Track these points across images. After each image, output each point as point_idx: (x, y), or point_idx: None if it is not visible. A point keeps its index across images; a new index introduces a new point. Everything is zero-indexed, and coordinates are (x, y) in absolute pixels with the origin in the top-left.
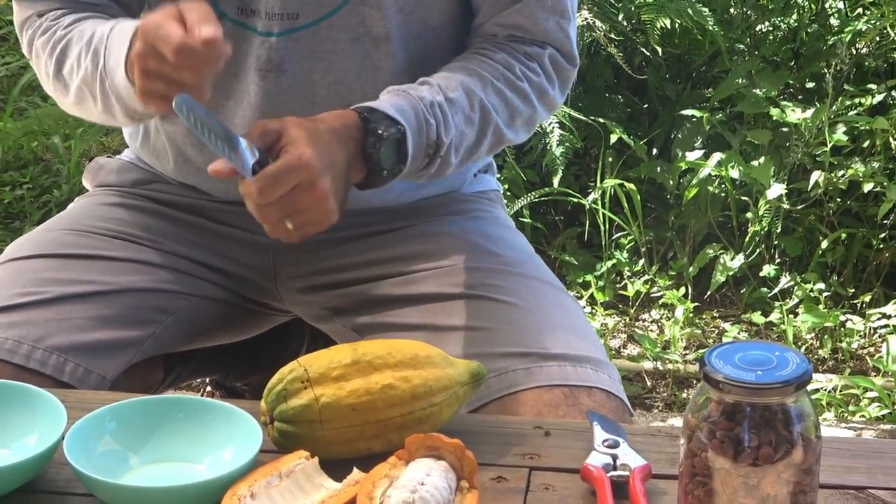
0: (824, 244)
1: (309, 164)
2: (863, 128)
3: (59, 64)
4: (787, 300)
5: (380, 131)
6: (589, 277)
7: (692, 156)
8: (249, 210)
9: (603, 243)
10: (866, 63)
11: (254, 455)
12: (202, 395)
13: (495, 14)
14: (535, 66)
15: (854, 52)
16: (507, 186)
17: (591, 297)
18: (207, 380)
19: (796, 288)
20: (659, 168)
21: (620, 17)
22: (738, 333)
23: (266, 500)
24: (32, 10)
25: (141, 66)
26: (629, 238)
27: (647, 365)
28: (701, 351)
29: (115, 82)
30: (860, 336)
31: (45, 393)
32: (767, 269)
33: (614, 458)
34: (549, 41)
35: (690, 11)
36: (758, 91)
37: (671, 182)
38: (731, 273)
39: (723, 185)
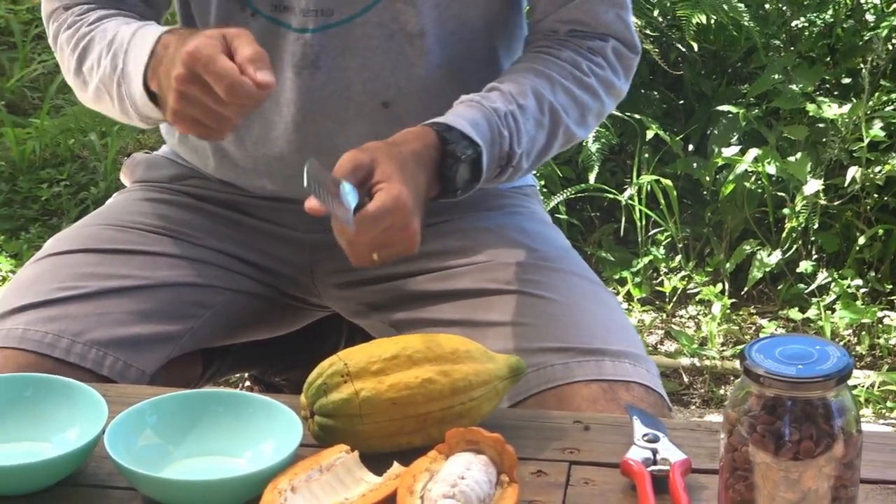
0: (861, 240)
1: (405, 206)
2: None
3: (80, 61)
4: (825, 296)
5: (458, 153)
6: (625, 274)
7: (728, 152)
8: (341, 244)
9: (639, 239)
10: None
11: (294, 449)
12: (241, 391)
13: (553, 11)
14: (600, 59)
15: (890, 47)
16: (543, 183)
17: (628, 293)
18: (246, 375)
19: (833, 284)
20: (695, 164)
21: (656, 13)
22: (776, 330)
23: (307, 493)
24: (59, 2)
25: (181, 90)
26: (665, 234)
27: (685, 361)
28: (738, 347)
29: (132, 89)
30: None
31: (85, 387)
32: (804, 266)
33: (654, 452)
34: (611, 33)
35: (726, 7)
36: (794, 87)
37: (707, 178)
38: (768, 269)
39: (759, 181)
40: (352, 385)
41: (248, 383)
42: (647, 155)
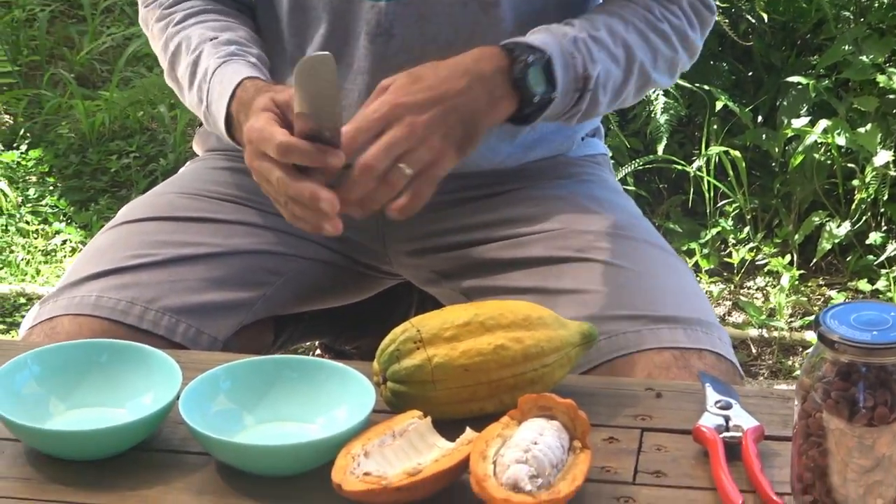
0: None
1: (395, 105)
2: None
3: (171, 66)
4: (894, 268)
5: (523, 58)
6: (693, 245)
7: (798, 123)
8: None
9: (707, 211)
10: None
11: (367, 415)
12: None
13: None
14: (675, 9)
15: None
16: (611, 154)
17: (696, 264)
18: (317, 343)
19: None
20: (764, 135)
21: None
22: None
23: (380, 458)
24: None
25: (255, 168)
26: (734, 206)
27: (753, 332)
28: (806, 319)
29: (219, 128)
30: None
31: (159, 353)
32: (874, 237)
33: (727, 419)
34: None
35: None
36: (864, 58)
37: (776, 149)
38: (837, 240)
39: (829, 153)
40: (424, 351)
41: (318, 351)
42: (715, 126)
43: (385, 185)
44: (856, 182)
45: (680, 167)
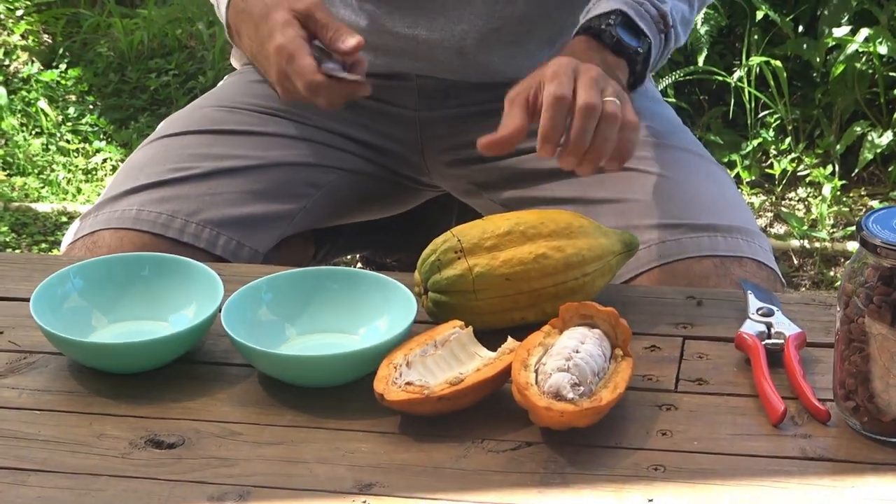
0: None
1: (566, 60)
2: None
3: None
4: None
5: (606, 27)
6: (734, 157)
7: (839, 32)
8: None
9: (748, 122)
10: None
11: (408, 325)
12: (360, 267)
13: None
14: None
15: None
16: None
17: (737, 176)
18: (358, 256)
19: None
20: (805, 45)
21: None
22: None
23: (421, 368)
24: None
25: (281, 85)
26: (775, 116)
27: (794, 243)
28: (849, 229)
29: (221, 20)
30: None
31: (201, 265)
32: None
33: (769, 326)
34: None
35: None
36: None
37: (818, 59)
38: (879, 150)
39: (870, 62)
40: (465, 261)
41: (359, 265)
42: (756, 37)
43: (606, 121)
44: None
45: (720, 78)
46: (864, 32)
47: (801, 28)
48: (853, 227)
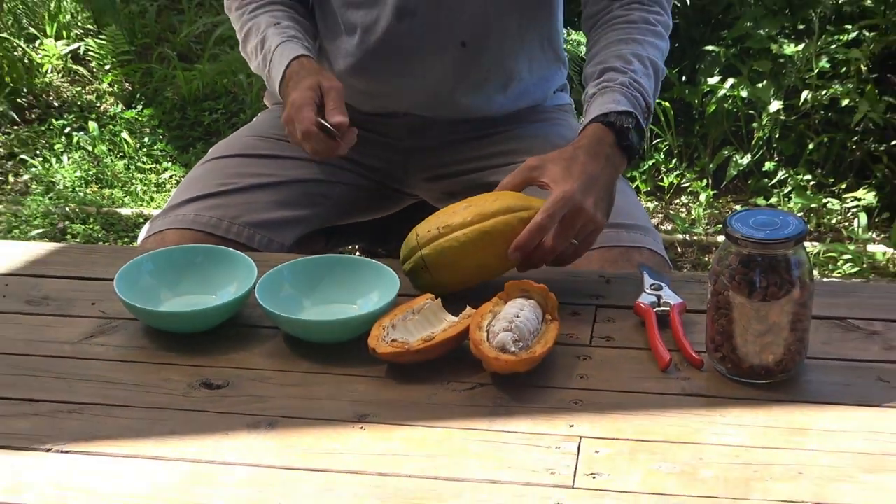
0: (811, 146)
1: (571, 197)
2: (841, 58)
3: (244, 43)
4: (783, 188)
5: (625, 126)
6: (635, 173)
7: (712, 81)
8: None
9: (645, 147)
10: (844, 9)
11: (393, 297)
12: (358, 255)
13: None
14: (657, 8)
15: (835, 1)
16: (574, 104)
17: (637, 187)
18: (357, 247)
19: (790, 179)
20: (687, 90)
21: None
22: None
23: (402, 329)
24: None
25: (286, 128)
26: (665, 143)
27: (679, 237)
28: (718, 226)
29: (273, 86)
30: (837, 214)
31: (241, 254)
32: (769, 165)
33: (658, 297)
34: None
35: None
36: (761, 32)
37: (696, 101)
38: (741, 168)
39: (735, 102)
40: (420, 256)
41: (357, 253)
42: None
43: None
44: (755, 124)
45: None
46: (730, 81)
47: (684, 78)
48: (721, 225)
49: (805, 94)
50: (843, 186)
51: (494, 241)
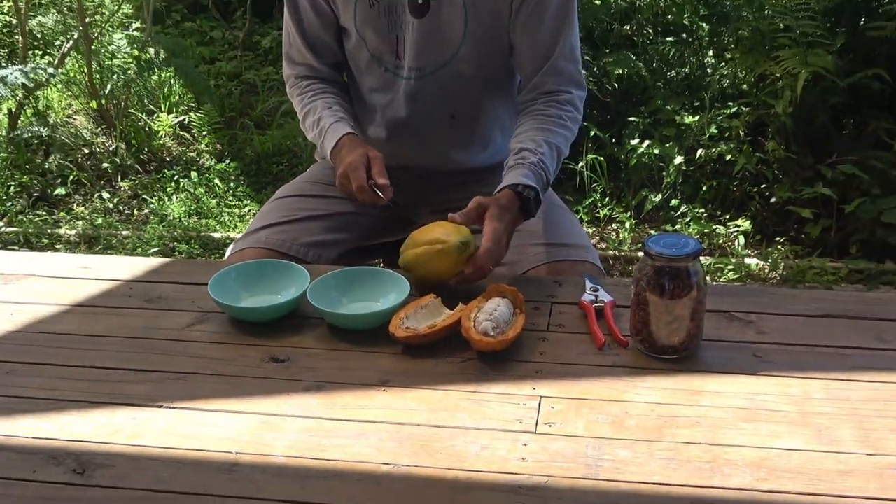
0: (704, 188)
1: (500, 239)
2: (725, 125)
3: (303, 119)
4: (685, 218)
5: (528, 197)
6: (579, 207)
7: (634, 142)
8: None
9: (586, 189)
10: (727, 90)
11: (405, 297)
12: (378, 268)
13: (537, 70)
14: (569, 108)
15: (721, 85)
16: None
17: (581, 218)
18: (381, 261)
19: (689, 212)
20: (616, 149)
21: (595, 69)
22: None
23: (413, 320)
24: (293, 71)
25: (340, 181)
26: (601, 186)
27: (611, 253)
28: (639, 245)
29: (326, 157)
30: (723, 236)
31: (298, 266)
32: (674, 202)
33: (596, 296)
34: (572, 84)
35: (632, 65)
36: (668, 107)
37: (622, 156)
38: (654, 204)
39: (650, 157)
40: (404, 257)
41: (381, 265)
42: (590, 144)
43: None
44: (664, 173)
45: (572, 166)
46: (647, 142)
47: (613, 140)
48: (641, 244)
49: (700, 151)
50: (727, 217)
51: (434, 258)
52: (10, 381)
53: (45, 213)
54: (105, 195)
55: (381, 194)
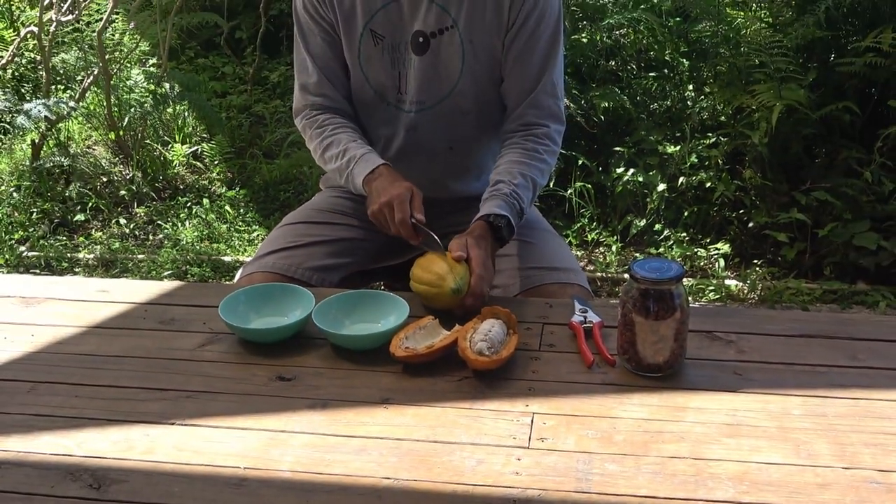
0: (686, 213)
1: (488, 265)
2: (705, 154)
3: (324, 150)
4: (668, 242)
5: (499, 225)
6: (568, 232)
7: (619, 170)
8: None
9: (574, 214)
10: (707, 122)
11: (405, 318)
12: (379, 290)
13: (520, 102)
14: (547, 141)
15: (700, 117)
16: None
17: (570, 242)
18: (382, 283)
19: (672, 235)
20: (602, 177)
21: (582, 102)
22: (644, 258)
23: (413, 340)
24: (307, 102)
25: (380, 209)
26: (588, 212)
27: (598, 275)
28: (625, 267)
29: (355, 182)
30: (704, 259)
31: (304, 289)
32: (658, 226)
33: (585, 317)
34: (551, 118)
35: (617, 98)
36: (652, 137)
37: (609, 184)
38: (639, 228)
39: (635, 185)
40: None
41: (382, 288)
42: (578, 172)
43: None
44: (648, 200)
45: (561, 193)
46: (632, 170)
47: (600, 168)
48: (627, 267)
49: (681, 179)
50: (708, 240)
51: (433, 298)
52: (31, 400)
53: (65, 238)
54: (122, 221)
55: (418, 228)
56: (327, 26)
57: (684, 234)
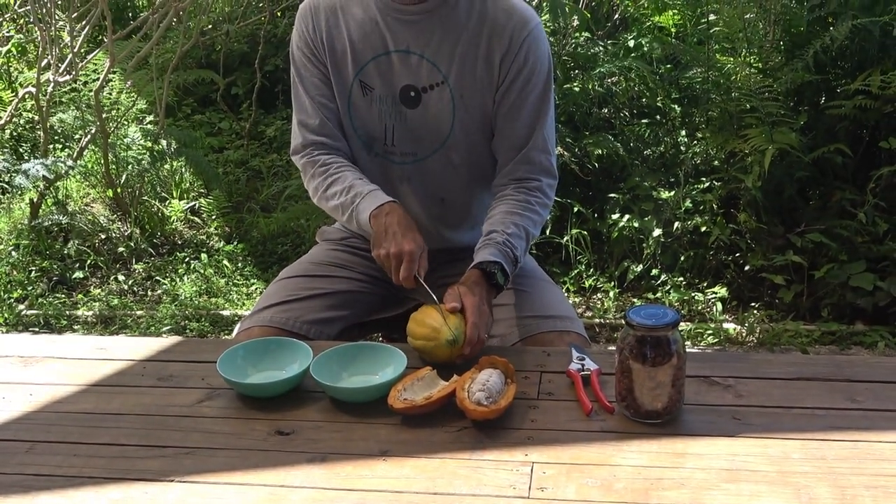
0: (682, 258)
1: (484, 311)
2: (700, 199)
3: (326, 188)
4: (665, 286)
5: (493, 271)
6: (565, 278)
7: (615, 216)
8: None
9: (571, 261)
10: (700, 167)
11: (403, 370)
12: (377, 342)
13: (511, 159)
14: (539, 194)
15: (694, 162)
16: None
17: (566, 289)
18: (380, 335)
19: (668, 280)
20: (598, 223)
21: (576, 149)
22: (642, 303)
23: (411, 391)
24: (307, 141)
25: (388, 259)
26: (585, 258)
27: (596, 321)
28: (622, 313)
29: (360, 218)
30: (701, 303)
31: (301, 343)
32: (654, 271)
33: (583, 365)
34: (543, 173)
35: (611, 145)
36: (646, 183)
37: (605, 230)
38: (636, 273)
39: (630, 230)
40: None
41: (380, 340)
42: (574, 219)
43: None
44: (644, 245)
45: (557, 240)
46: (627, 216)
47: (596, 215)
48: (623, 314)
49: (677, 224)
50: (705, 284)
51: (430, 351)
52: (30, 460)
53: (63, 295)
54: (120, 277)
55: (421, 284)
56: (322, 68)
57: (681, 279)
